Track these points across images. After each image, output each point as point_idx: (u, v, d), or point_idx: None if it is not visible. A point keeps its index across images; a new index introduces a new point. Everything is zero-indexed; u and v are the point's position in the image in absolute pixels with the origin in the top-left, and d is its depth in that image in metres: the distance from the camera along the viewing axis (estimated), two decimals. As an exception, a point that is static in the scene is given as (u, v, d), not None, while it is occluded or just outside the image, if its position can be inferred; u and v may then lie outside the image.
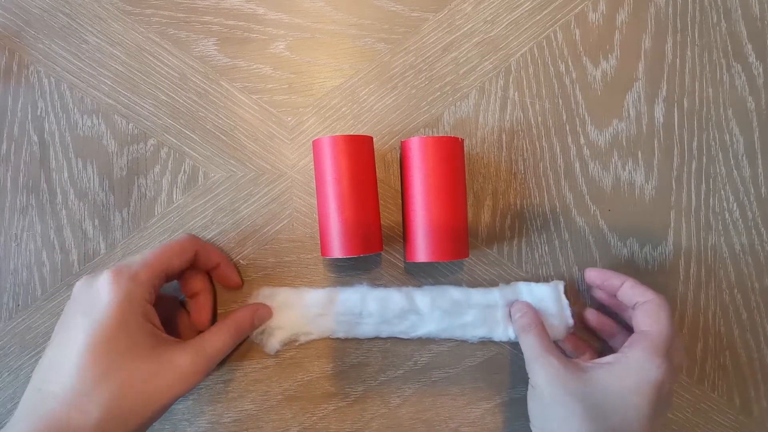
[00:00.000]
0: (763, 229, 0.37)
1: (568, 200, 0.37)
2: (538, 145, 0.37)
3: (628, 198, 0.37)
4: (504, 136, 0.37)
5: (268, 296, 0.36)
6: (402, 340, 0.36)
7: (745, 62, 0.38)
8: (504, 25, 0.38)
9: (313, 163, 0.37)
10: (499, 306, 0.35)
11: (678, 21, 0.38)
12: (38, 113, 0.37)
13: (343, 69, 0.38)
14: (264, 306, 0.35)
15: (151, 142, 0.37)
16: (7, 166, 0.37)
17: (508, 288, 0.36)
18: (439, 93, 0.37)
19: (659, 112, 0.37)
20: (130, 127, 0.37)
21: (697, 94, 0.38)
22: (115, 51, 0.37)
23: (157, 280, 0.29)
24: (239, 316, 0.33)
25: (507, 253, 0.37)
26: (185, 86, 0.37)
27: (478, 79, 0.38)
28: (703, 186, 0.37)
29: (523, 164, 0.37)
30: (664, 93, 0.38)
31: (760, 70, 0.38)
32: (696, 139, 0.37)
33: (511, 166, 0.37)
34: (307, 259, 0.37)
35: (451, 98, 0.37)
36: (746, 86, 0.38)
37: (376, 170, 0.35)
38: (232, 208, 0.37)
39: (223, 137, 0.37)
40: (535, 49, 0.38)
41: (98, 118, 0.37)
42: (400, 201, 0.37)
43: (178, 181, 0.37)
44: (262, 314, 0.35)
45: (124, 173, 0.37)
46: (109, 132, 0.37)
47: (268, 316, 0.35)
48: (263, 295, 0.36)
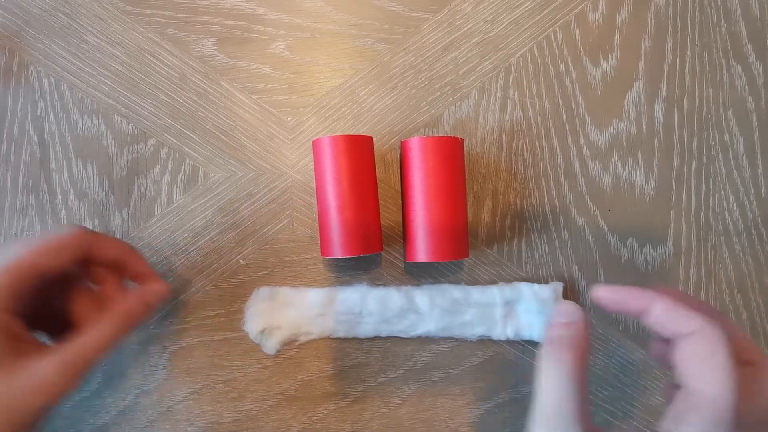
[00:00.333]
0: (763, 229, 0.37)
1: (568, 200, 0.37)
2: (538, 145, 0.37)
3: (628, 198, 0.37)
4: (504, 136, 0.37)
5: (267, 296, 0.36)
6: (402, 340, 0.36)
7: (745, 62, 0.38)
8: (504, 25, 0.38)
9: (313, 163, 0.37)
10: (498, 305, 0.35)
11: (678, 21, 0.38)
12: (38, 113, 0.37)
13: (343, 69, 0.38)
14: (156, 281, 0.31)
15: (151, 142, 0.37)
16: (7, 166, 0.37)
17: (508, 287, 0.36)
18: (439, 93, 0.37)
19: (659, 112, 0.37)
20: (130, 127, 0.37)
21: (697, 94, 0.38)
22: (115, 51, 0.37)
23: (21, 285, 0.25)
24: (126, 303, 0.29)
25: (507, 253, 0.37)
26: (185, 86, 0.37)
27: (478, 79, 0.38)
28: (703, 186, 0.37)
29: (523, 164, 0.37)
30: (664, 93, 0.38)
31: (760, 70, 0.38)
32: (696, 139, 0.37)
33: (511, 166, 0.37)
34: (307, 259, 0.37)
35: (451, 98, 0.37)
36: (746, 86, 0.38)
37: (376, 170, 0.35)
38: (232, 208, 0.37)
39: (223, 137, 0.37)
40: (535, 49, 0.38)
41: (98, 118, 0.37)
42: (400, 201, 0.37)
43: (178, 181, 0.37)
44: (156, 291, 0.30)
45: (124, 173, 0.37)
46: (109, 132, 0.37)
47: (162, 290, 0.31)
48: (263, 295, 0.36)
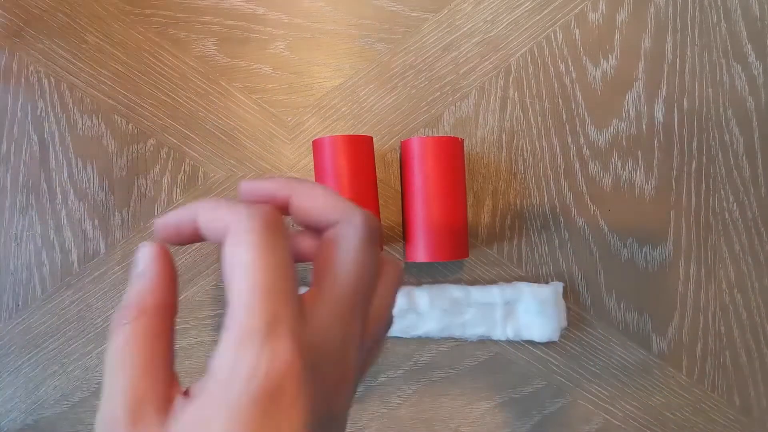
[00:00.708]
0: (763, 229, 0.37)
1: (568, 200, 0.37)
2: (538, 145, 0.37)
3: (628, 198, 0.37)
4: (504, 136, 0.37)
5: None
6: (402, 340, 0.36)
7: (745, 62, 0.38)
8: (504, 25, 0.38)
9: (313, 163, 0.37)
10: (498, 305, 0.35)
11: (678, 21, 0.38)
12: (38, 113, 0.37)
13: (343, 69, 0.38)
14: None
15: (151, 142, 0.37)
16: (7, 166, 0.37)
17: (508, 287, 0.36)
18: (439, 93, 0.37)
19: (659, 112, 0.37)
20: (130, 127, 0.37)
21: (696, 94, 0.38)
22: (115, 51, 0.37)
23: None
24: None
25: (507, 253, 0.37)
26: (185, 86, 0.37)
27: (478, 79, 0.38)
28: (703, 186, 0.37)
29: (523, 164, 0.37)
30: (664, 93, 0.38)
31: (760, 70, 0.38)
32: (696, 139, 0.37)
33: (511, 166, 0.37)
34: (307, 259, 0.37)
35: (451, 98, 0.37)
36: (746, 86, 0.38)
37: (376, 170, 0.35)
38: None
39: (223, 137, 0.37)
40: (535, 49, 0.38)
41: (98, 118, 0.37)
42: (400, 201, 0.37)
43: (178, 181, 0.37)
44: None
45: (124, 173, 0.37)
46: (109, 132, 0.37)
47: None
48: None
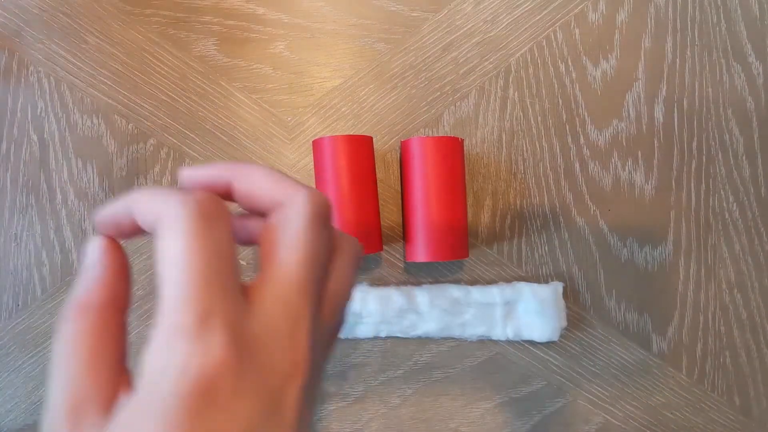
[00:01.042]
0: (763, 229, 0.37)
1: (568, 200, 0.37)
2: (538, 145, 0.37)
3: (628, 198, 0.37)
4: (504, 136, 0.37)
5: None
6: (402, 340, 0.36)
7: (745, 62, 0.38)
8: (504, 25, 0.38)
9: (313, 163, 0.37)
10: (498, 304, 0.35)
11: (678, 21, 0.38)
12: (38, 113, 0.37)
13: (343, 69, 0.38)
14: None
15: (151, 142, 0.37)
16: (7, 166, 0.37)
17: (508, 287, 0.36)
18: (439, 93, 0.37)
19: (659, 112, 0.37)
20: (130, 127, 0.37)
21: (696, 94, 0.38)
22: (115, 51, 0.37)
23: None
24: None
25: (507, 253, 0.37)
26: (185, 86, 0.37)
27: (478, 79, 0.38)
28: (703, 186, 0.37)
29: (523, 164, 0.37)
30: (663, 93, 0.38)
31: (760, 70, 0.38)
32: (696, 139, 0.37)
33: (511, 166, 0.37)
34: (307, 259, 0.37)
35: (451, 98, 0.37)
36: (746, 86, 0.38)
37: (376, 170, 0.35)
38: (232, 208, 0.37)
39: (223, 137, 0.37)
40: (535, 49, 0.38)
41: (98, 118, 0.37)
42: (400, 201, 0.37)
43: (178, 181, 0.37)
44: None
45: (124, 173, 0.37)
46: (109, 132, 0.37)
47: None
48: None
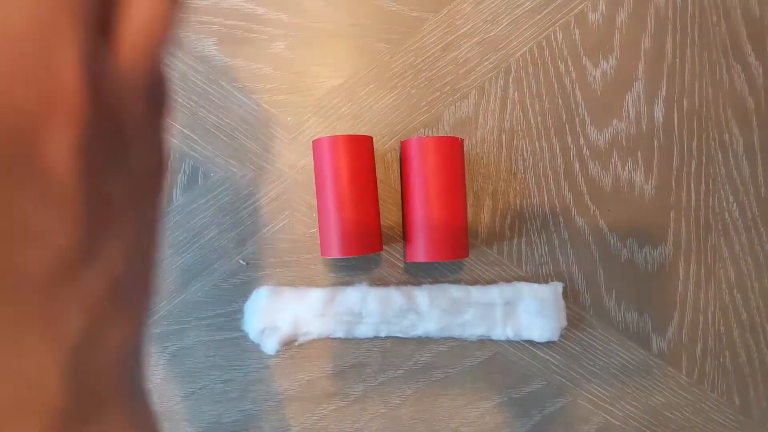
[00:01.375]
0: (763, 229, 0.37)
1: (567, 200, 0.37)
2: (538, 145, 0.37)
3: (627, 198, 0.37)
4: (504, 136, 0.37)
5: (267, 296, 0.36)
6: (402, 340, 0.36)
7: (745, 62, 0.38)
8: (504, 25, 0.38)
9: (313, 163, 0.37)
10: (498, 304, 0.35)
11: (678, 21, 0.38)
12: (38, 113, 0.37)
13: (343, 69, 0.38)
14: None
15: (151, 142, 0.37)
16: (7, 166, 0.37)
17: (508, 287, 0.36)
18: (438, 93, 0.37)
19: (659, 112, 0.37)
20: (130, 127, 0.37)
21: (696, 94, 0.38)
22: (115, 51, 0.37)
23: None
24: None
25: (507, 253, 0.37)
26: (185, 86, 0.37)
27: (478, 79, 0.38)
28: (703, 186, 0.37)
29: (523, 164, 0.37)
30: (663, 93, 0.38)
31: (760, 70, 0.38)
32: (696, 139, 0.37)
33: (511, 166, 0.37)
34: (307, 259, 0.37)
35: (451, 98, 0.37)
36: (746, 86, 0.38)
37: (376, 170, 0.35)
38: (232, 208, 0.37)
39: (223, 137, 0.37)
40: (535, 49, 0.38)
41: (98, 118, 0.37)
42: (400, 201, 0.37)
43: (178, 181, 0.37)
44: None
45: (124, 173, 0.37)
46: (109, 132, 0.37)
47: None
48: (263, 295, 0.36)
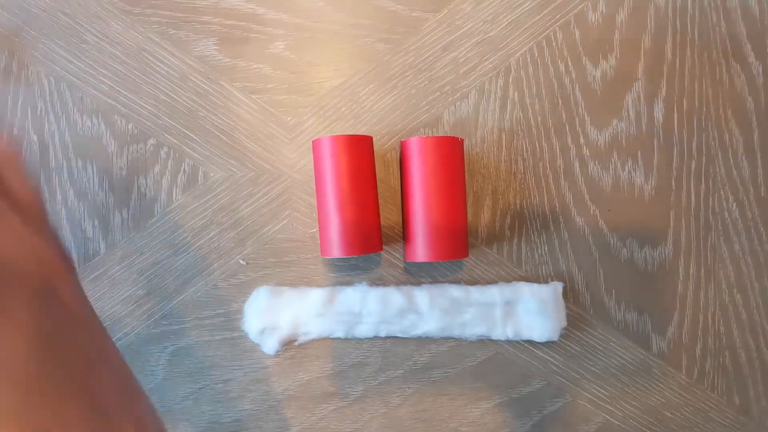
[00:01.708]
0: (762, 229, 0.37)
1: (567, 200, 0.37)
2: (537, 145, 0.37)
3: (627, 198, 0.37)
4: (504, 136, 0.37)
5: (267, 296, 0.36)
6: (402, 340, 0.36)
7: (745, 62, 0.38)
8: (504, 25, 0.38)
9: (313, 163, 0.37)
10: (497, 304, 0.35)
11: (678, 21, 0.38)
12: (38, 113, 0.37)
13: (343, 69, 0.38)
14: None
15: (151, 142, 0.37)
16: (6, 166, 0.37)
17: (508, 287, 0.36)
18: (438, 93, 0.37)
19: (659, 112, 0.37)
20: (129, 127, 0.37)
21: (696, 94, 0.38)
22: (115, 51, 0.37)
23: None
24: None
25: (507, 253, 0.37)
26: (185, 86, 0.37)
27: (477, 79, 0.38)
28: (703, 186, 0.37)
29: (523, 164, 0.37)
30: (663, 93, 0.38)
31: (760, 70, 0.38)
32: (695, 139, 0.37)
33: (510, 166, 0.37)
34: (307, 259, 0.37)
35: (450, 98, 0.37)
36: (746, 86, 0.38)
37: (376, 170, 0.35)
38: (232, 208, 0.37)
39: (223, 137, 0.37)
40: (535, 49, 0.38)
41: (98, 118, 0.37)
42: (400, 201, 0.37)
43: (178, 181, 0.37)
44: None
45: (124, 173, 0.37)
46: (108, 132, 0.37)
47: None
48: (263, 295, 0.36)
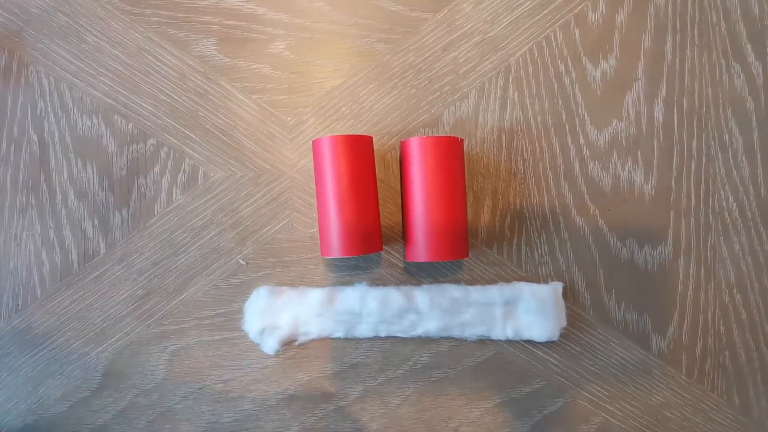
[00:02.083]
0: (762, 229, 0.37)
1: (567, 200, 0.37)
2: (537, 145, 0.37)
3: (627, 198, 0.37)
4: (504, 136, 0.37)
5: (267, 296, 0.36)
6: (402, 340, 0.36)
7: (745, 62, 0.38)
8: (504, 25, 0.38)
9: (313, 163, 0.37)
10: (497, 304, 0.35)
11: (678, 21, 0.38)
12: (38, 113, 0.37)
13: (343, 69, 0.38)
14: None
15: (151, 142, 0.37)
16: (6, 166, 0.37)
17: (508, 287, 0.36)
18: (438, 93, 0.37)
19: (659, 112, 0.37)
20: (129, 127, 0.37)
21: (696, 94, 0.38)
22: (115, 51, 0.37)
23: None
24: None
25: (507, 253, 0.37)
26: (185, 86, 0.37)
27: (477, 79, 0.38)
28: (703, 186, 0.37)
29: (523, 164, 0.37)
30: (663, 93, 0.38)
31: (760, 70, 0.38)
32: (695, 139, 0.37)
33: (510, 166, 0.37)
34: (307, 259, 0.37)
35: (450, 98, 0.37)
36: (746, 86, 0.38)
37: (376, 170, 0.35)
38: (232, 208, 0.37)
39: (223, 137, 0.37)
40: (535, 49, 0.38)
41: (98, 118, 0.37)
42: (400, 201, 0.37)
43: (178, 180, 0.37)
44: None
45: (124, 173, 0.37)
46: (108, 132, 0.37)
47: None
48: (263, 295, 0.36)
